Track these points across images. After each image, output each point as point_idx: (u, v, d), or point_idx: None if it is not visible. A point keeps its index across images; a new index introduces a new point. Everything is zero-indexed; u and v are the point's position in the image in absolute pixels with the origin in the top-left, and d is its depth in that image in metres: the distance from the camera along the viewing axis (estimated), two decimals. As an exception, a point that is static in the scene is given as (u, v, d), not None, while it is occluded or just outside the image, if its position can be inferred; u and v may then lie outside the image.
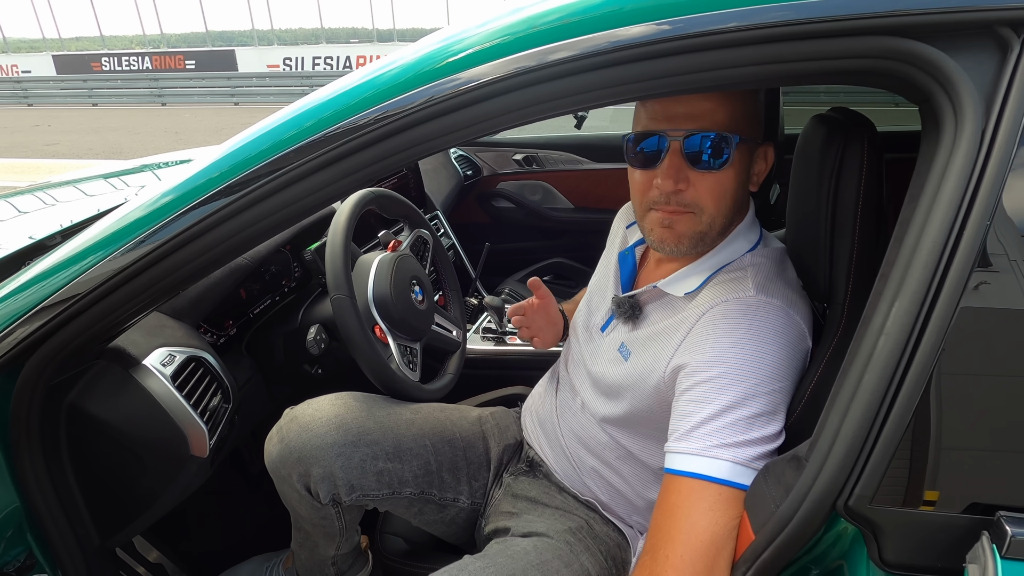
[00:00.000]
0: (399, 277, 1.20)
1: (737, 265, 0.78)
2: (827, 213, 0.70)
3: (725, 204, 0.76)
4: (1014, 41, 0.49)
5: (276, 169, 0.64)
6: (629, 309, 0.85)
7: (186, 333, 1.02)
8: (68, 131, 10.92)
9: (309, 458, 0.97)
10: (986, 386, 0.53)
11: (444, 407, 1.14)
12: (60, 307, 0.71)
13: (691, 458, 0.68)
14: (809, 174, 0.72)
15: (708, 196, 0.74)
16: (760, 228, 0.84)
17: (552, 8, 0.59)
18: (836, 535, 0.59)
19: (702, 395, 0.69)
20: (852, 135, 0.67)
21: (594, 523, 0.96)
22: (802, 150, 0.75)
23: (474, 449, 1.09)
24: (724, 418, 0.67)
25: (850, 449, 0.53)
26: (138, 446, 0.88)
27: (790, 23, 0.52)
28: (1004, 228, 0.51)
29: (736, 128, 0.73)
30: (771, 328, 0.70)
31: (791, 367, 0.71)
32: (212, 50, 18.17)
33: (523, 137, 2.73)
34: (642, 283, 0.88)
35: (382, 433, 1.01)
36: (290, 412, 1.04)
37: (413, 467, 1.01)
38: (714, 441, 0.67)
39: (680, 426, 0.71)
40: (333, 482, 0.97)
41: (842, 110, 0.73)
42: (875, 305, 0.54)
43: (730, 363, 0.69)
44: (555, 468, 1.01)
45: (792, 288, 0.77)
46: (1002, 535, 0.50)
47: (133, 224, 0.70)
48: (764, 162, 0.79)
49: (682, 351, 0.75)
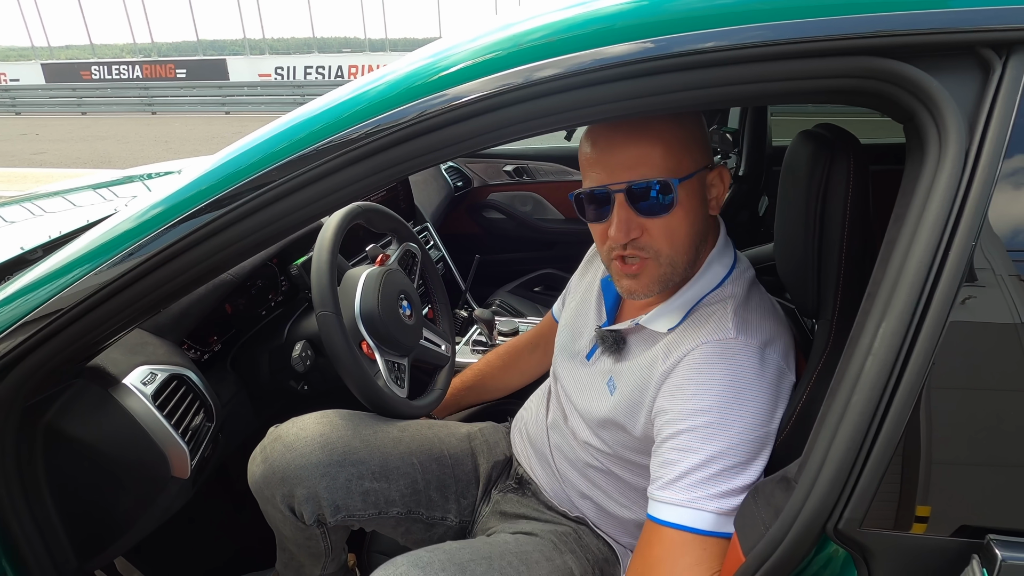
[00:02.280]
0: (387, 292, 1.19)
1: (716, 296, 0.78)
2: (814, 229, 0.70)
3: (681, 242, 0.76)
4: (996, 62, 0.50)
5: (265, 183, 0.63)
6: (613, 343, 0.85)
7: (168, 350, 1.00)
8: (56, 140, 10.85)
9: (293, 478, 0.95)
10: (973, 407, 0.53)
11: (432, 423, 1.13)
12: (41, 323, 0.69)
13: (677, 509, 0.68)
14: (796, 190, 0.72)
15: (663, 239, 0.74)
16: (733, 249, 0.83)
17: (539, 26, 0.59)
18: (827, 558, 0.58)
19: (686, 444, 0.70)
20: (838, 151, 0.68)
21: (583, 534, 0.95)
22: (789, 166, 0.76)
23: (462, 466, 1.07)
24: (708, 468, 0.68)
25: (839, 471, 0.52)
26: (117, 468, 0.86)
27: (774, 43, 0.52)
28: (990, 244, 0.51)
29: (675, 167, 0.72)
30: (752, 373, 0.71)
31: (773, 409, 0.71)
32: (203, 59, 18.16)
33: (513, 149, 2.74)
34: (625, 315, 0.88)
35: (368, 452, 0.99)
36: (274, 431, 1.02)
37: (400, 486, 1.00)
38: (700, 493, 0.67)
39: (664, 474, 0.71)
40: (317, 503, 0.95)
41: (828, 126, 0.73)
42: (862, 325, 0.54)
43: (713, 413, 0.69)
44: (544, 487, 1.00)
45: (769, 317, 0.77)
46: (992, 559, 0.49)
47: (120, 237, 0.68)
48: (720, 184, 0.78)
49: (664, 394, 0.75)
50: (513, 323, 1.68)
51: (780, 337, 0.76)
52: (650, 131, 0.71)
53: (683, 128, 0.73)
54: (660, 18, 0.55)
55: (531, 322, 1.76)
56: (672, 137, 0.72)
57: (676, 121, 0.73)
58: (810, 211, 0.70)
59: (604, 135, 0.73)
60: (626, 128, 0.72)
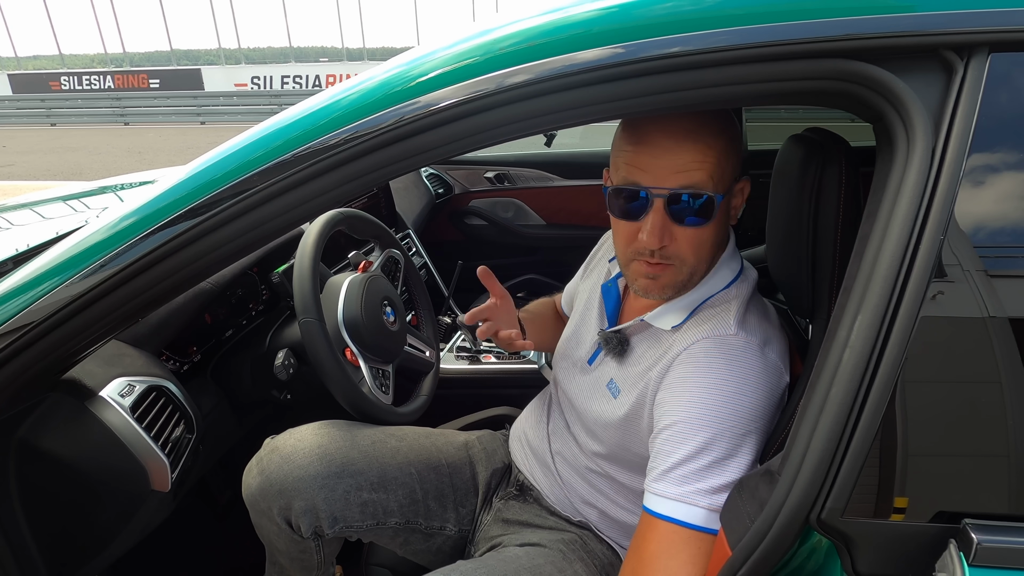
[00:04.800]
0: (370, 298, 1.19)
1: (721, 298, 0.79)
2: (808, 232, 0.71)
3: (706, 253, 0.76)
4: (958, 64, 0.52)
5: (243, 190, 0.63)
6: (617, 344, 0.84)
7: (146, 361, 0.98)
8: (25, 152, 10.57)
9: (291, 491, 0.94)
10: (946, 398, 0.55)
11: (430, 433, 1.12)
12: (11, 337, 0.67)
13: (670, 502, 0.69)
14: (788, 194, 0.73)
15: (690, 250, 0.74)
16: (740, 256, 0.84)
17: (511, 32, 0.60)
18: (811, 548, 0.59)
19: (679, 433, 0.70)
20: (830, 155, 0.69)
21: (588, 540, 0.95)
22: (780, 170, 0.77)
23: (461, 475, 1.07)
24: (700, 459, 0.69)
25: (820, 462, 0.53)
26: (94, 482, 0.84)
27: (744, 47, 0.54)
28: (957, 240, 0.53)
29: (719, 180, 0.71)
30: (750, 370, 0.71)
31: (768, 407, 0.72)
32: (177, 69, 17.88)
33: (494, 155, 2.75)
34: (627, 316, 0.88)
35: (366, 463, 0.99)
36: (271, 442, 1.01)
37: (398, 496, 0.99)
38: (692, 486, 0.68)
39: (657, 464, 0.72)
40: (315, 515, 0.94)
41: (818, 130, 0.75)
42: (839, 319, 0.56)
43: (708, 404, 0.70)
44: (547, 493, 1.00)
45: (770, 320, 0.78)
46: (968, 543, 0.51)
47: (93, 248, 0.67)
48: (741, 196, 0.79)
49: (664, 387, 0.76)
50: (497, 328, 1.68)
51: (778, 339, 0.77)
52: (699, 139, 0.69)
53: (726, 138, 0.71)
54: (630, 24, 0.56)
55: (515, 327, 1.77)
56: (720, 148, 0.70)
57: (721, 128, 0.70)
58: (803, 213, 0.71)
59: (650, 135, 0.70)
60: (674, 131, 0.69)
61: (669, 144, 0.69)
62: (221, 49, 18.25)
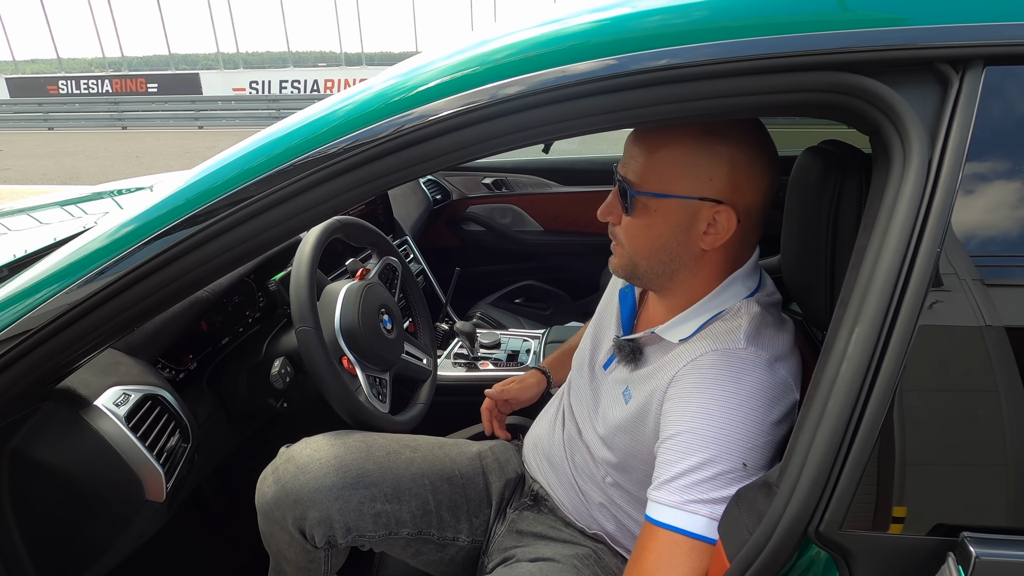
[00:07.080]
0: (367, 306, 1.18)
1: (732, 312, 0.79)
2: (827, 244, 0.71)
3: (639, 249, 0.78)
4: (953, 77, 0.52)
5: (241, 199, 0.63)
6: (630, 353, 0.86)
7: (142, 370, 0.98)
8: (22, 156, 10.56)
9: (307, 501, 0.94)
10: (944, 408, 0.55)
11: (443, 443, 1.12)
12: (7, 345, 0.67)
13: (671, 510, 0.69)
14: (806, 206, 0.73)
15: (624, 236, 0.79)
16: (761, 275, 0.83)
17: (506, 44, 0.60)
18: (809, 561, 0.59)
19: (683, 445, 0.70)
20: (849, 167, 0.69)
21: (602, 554, 0.95)
22: (797, 182, 0.77)
23: (474, 485, 1.07)
24: (703, 471, 0.69)
25: (818, 474, 0.53)
26: (89, 492, 0.84)
27: (740, 59, 0.54)
28: (954, 249, 0.53)
29: (653, 180, 0.73)
30: (755, 384, 0.71)
31: (775, 422, 0.72)
32: (175, 73, 17.91)
33: (492, 161, 2.76)
34: (642, 325, 0.90)
35: (381, 474, 0.99)
36: (286, 451, 1.00)
37: (411, 507, 0.99)
38: (693, 496, 0.68)
39: (660, 473, 0.72)
40: (330, 525, 0.94)
41: (834, 142, 0.75)
42: (836, 331, 0.56)
43: (712, 416, 0.70)
44: (563, 502, 0.99)
45: (785, 336, 0.77)
46: (967, 556, 0.51)
47: (91, 255, 0.66)
48: (713, 226, 0.73)
49: (669, 397, 0.76)
50: (495, 335, 1.68)
51: (792, 356, 0.76)
52: (655, 141, 0.73)
53: (683, 150, 0.72)
54: (623, 36, 0.56)
55: (512, 334, 1.77)
56: (664, 155, 0.72)
57: (682, 141, 0.71)
58: (822, 225, 0.71)
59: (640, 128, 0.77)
60: (649, 130, 0.75)
61: (637, 135, 0.76)
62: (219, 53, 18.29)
